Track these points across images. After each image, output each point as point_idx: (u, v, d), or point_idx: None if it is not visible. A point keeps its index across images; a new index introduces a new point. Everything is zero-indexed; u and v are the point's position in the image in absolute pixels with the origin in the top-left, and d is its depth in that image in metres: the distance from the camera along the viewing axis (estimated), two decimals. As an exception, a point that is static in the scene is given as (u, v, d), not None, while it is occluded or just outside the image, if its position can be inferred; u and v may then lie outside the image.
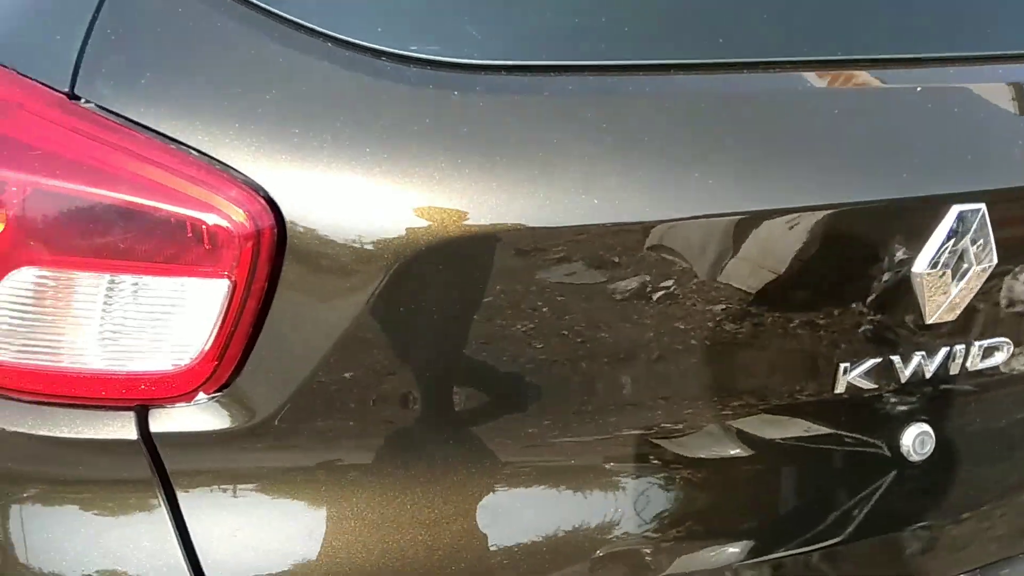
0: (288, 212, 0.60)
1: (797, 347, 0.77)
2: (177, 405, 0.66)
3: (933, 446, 0.84)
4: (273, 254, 0.61)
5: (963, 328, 0.81)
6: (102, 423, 0.65)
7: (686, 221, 0.67)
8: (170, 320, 0.64)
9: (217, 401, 0.66)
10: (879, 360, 0.79)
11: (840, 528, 0.84)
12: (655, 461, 0.77)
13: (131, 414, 0.65)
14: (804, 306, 0.75)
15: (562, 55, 0.69)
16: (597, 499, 0.76)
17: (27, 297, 0.61)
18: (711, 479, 0.80)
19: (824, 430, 0.83)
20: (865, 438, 0.85)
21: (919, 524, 0.89)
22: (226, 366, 0.65)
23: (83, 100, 0.60)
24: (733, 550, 0.80)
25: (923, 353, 0.80)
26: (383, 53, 0.63)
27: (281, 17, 0.63)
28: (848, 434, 0.84)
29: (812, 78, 0.75)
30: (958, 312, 0.79)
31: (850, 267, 0.75)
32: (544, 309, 0.67)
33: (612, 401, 0.74)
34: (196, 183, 0.59)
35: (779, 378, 0.78)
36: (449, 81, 0.64)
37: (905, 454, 0.84)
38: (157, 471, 0.66)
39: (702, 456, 0.79)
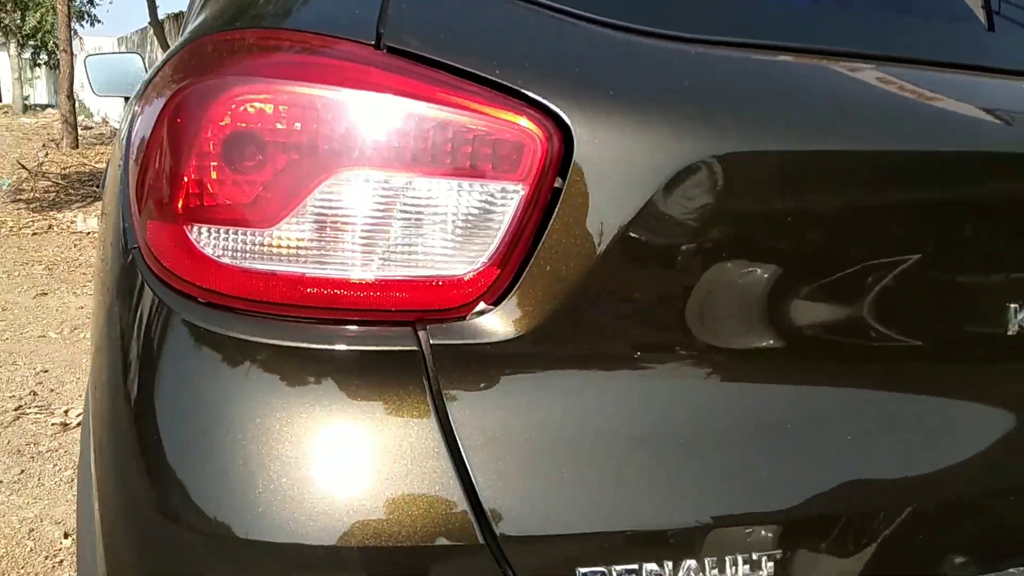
0: (576, 133, 0.71)
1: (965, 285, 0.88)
2: (457, 317, 0.73)
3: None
4: (558, 169, 0.72)
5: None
6: (384, 336, 0.72)
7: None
8: (466, 226, 0.72)
9: (493, 312, 0.73)
10: None
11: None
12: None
13: (410, 328, 0.73)
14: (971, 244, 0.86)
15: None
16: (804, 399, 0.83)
17: (341, 202, 0.71)
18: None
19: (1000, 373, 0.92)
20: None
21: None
22: (505, 276, 0.73)
23: (386, 48, 0.72)
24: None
25: None
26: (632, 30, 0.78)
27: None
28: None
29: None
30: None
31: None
32: (787, 221, 0.78)
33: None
34: (498, 105, 0.71)
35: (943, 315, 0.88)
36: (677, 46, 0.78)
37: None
38: (429, 379, 0.72)
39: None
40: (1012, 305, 0.87)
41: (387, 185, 0.72)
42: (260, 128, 0.71)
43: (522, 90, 0.72)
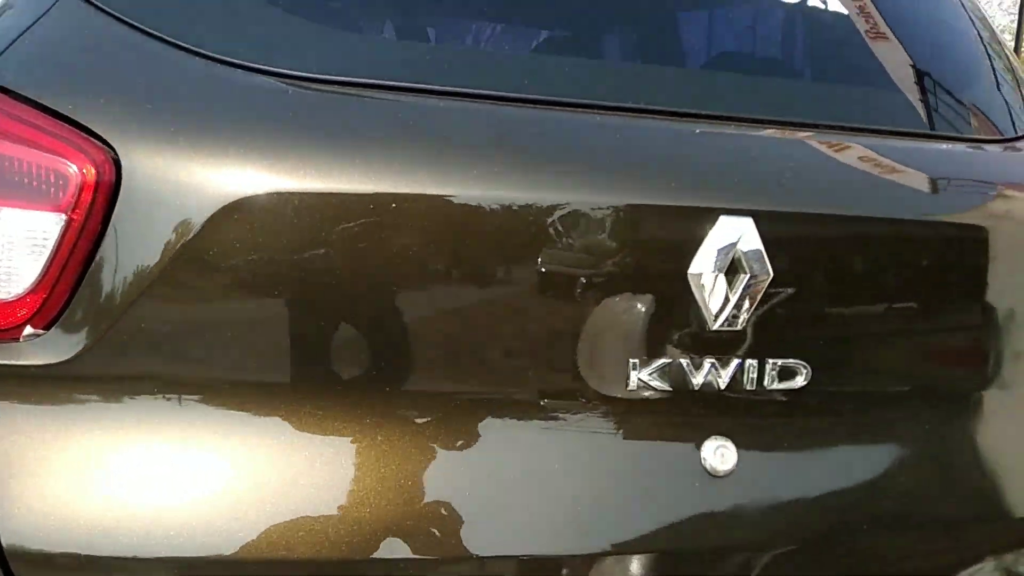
0: (126, 168, 0.73)
1: (588, 339, 0.83)
2: (8, 339, 0.74)
3: (736, 463, 0.88)
4: (109, 200, 0.73)
5: (754, 342, 0.87)
6: None
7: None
8: (11, 253, 0.74)
9: (43, 336, 0.75)
10: (669, 361, 0.84)
11: (633, 533, 0.86)
12: (446, 445, 0.83)
13: None
14: (593, 299, 0.83)
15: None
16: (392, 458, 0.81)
17: None
18: (500, 468, 0.84)
19: (621, 430, 0.87)
20: (662, 445, 0.89)
21: (718, 543, 0.90)
22: (55, 301, 0.75)
23: None
24: (516, 542, 0.83)
25: (713, 361, 0.86)
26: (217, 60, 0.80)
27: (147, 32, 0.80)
28: (645, 439, 0.89)
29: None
30: (743, 323, 0.85)
31: (639, 264, 0.84)
32: (340, 271, 0.78)
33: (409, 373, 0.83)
34: (46, 135, 0.73)
35: (569, 369, 0.84)
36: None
37: (707, 468, 0.88)
38: None
39: (494, 446, 0.84)
40: (632, 360, 0.84)
41: None
42: None
43: (82, 122, 0.74)
